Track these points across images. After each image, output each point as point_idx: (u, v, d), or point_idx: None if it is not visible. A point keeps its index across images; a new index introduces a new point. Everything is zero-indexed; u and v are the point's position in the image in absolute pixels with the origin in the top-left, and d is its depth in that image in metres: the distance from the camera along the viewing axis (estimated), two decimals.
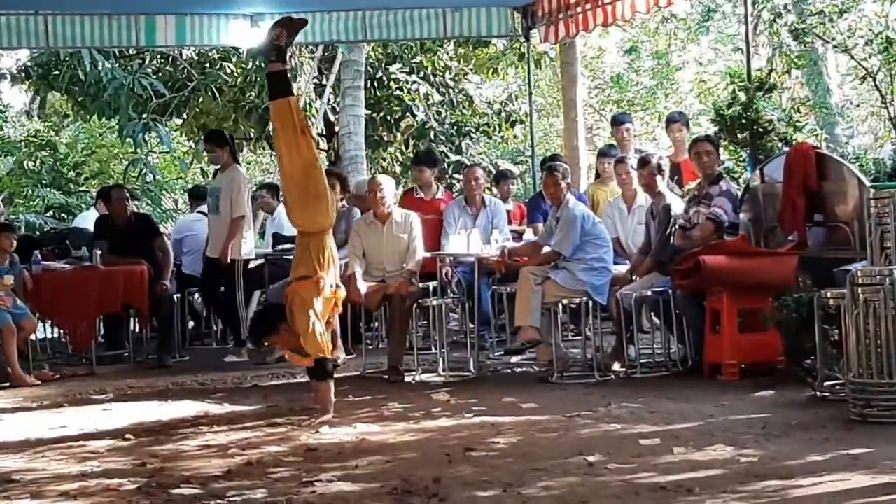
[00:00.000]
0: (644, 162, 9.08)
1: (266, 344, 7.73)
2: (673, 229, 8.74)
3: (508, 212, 10.76)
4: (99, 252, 10.35)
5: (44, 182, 20.08)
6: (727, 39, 25.64)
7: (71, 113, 20.06)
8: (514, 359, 9.44)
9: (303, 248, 7.24)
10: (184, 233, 11.77)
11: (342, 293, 7.42)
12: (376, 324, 10.91)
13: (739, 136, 9.77)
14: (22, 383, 9.23)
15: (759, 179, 9.13)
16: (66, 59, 16.16)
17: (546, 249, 8.91)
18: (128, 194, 11.13)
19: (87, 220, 12.09)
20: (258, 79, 16.31)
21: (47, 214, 19.28)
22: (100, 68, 15.56)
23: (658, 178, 8.95)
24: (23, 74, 17.53)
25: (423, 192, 10.91)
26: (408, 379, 8.87)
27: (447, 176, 18.01)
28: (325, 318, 7.16)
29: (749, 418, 6.62)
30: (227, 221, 10.12)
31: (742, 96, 9.81)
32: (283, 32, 7.33)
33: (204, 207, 11.77)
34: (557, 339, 8.79)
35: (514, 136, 20.42)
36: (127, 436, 6.89)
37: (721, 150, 9.35)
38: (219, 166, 10.59)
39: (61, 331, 11.05)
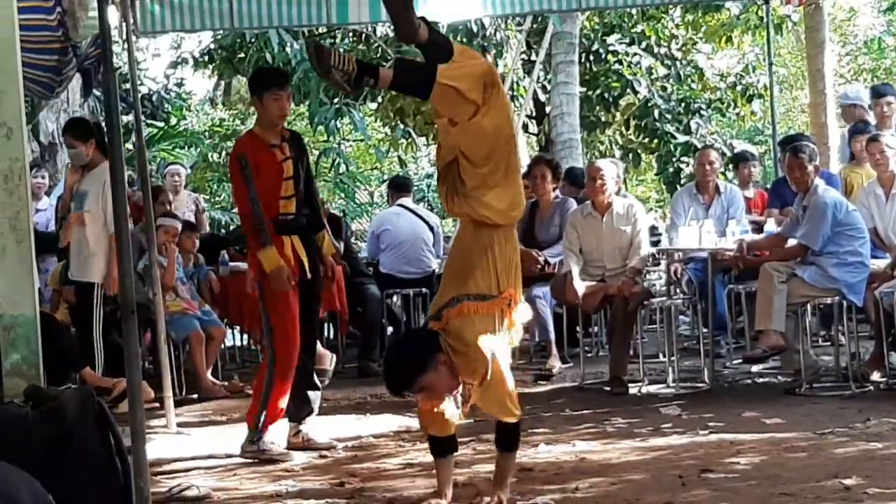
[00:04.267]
0: None
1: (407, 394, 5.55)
2: None
3: (747, 199, 10.60)
4: None
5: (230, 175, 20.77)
6: None
7: None
8: (755, 367, 9.31)
9: (480, 251, 5.43)
10: (382, 227, 11.96)
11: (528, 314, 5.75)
12: (596, 328, 10.90)
13: None
14: (211, 395, 9.54)
15: None
16: (252, 40, 16.68)
17: (791, 242, 8.74)
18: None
19: None
20: None
21: (234, 211, 19.89)
22: (288, 50, 15.98)
23: None
24: (206, 58, 18.16)
25: None
26: (633, 391, 8.84)
27: (674, 160, 17.86)
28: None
29: None
30: (92, 235, 8.90)
31: None
32: None
33: (405, 200, 11.97)
34: (806, 345, 8.63)
35: (752, 113, 20.13)
36: (323, 452, 7.08)
37: None
38: (83, 165, 9.07)
39: (252, 339, 11.38)
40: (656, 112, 17.93)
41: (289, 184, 7.09)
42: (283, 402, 7.09)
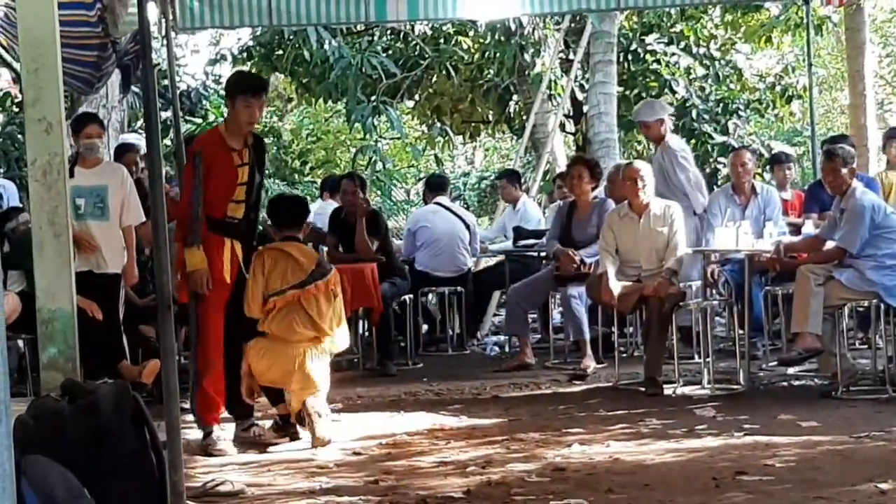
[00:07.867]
0: None
1: None
2: None
3: (785, 201, 10.55)
4: (325, 249, 10.63)
5: (266, 172, 20.82)
6: None
7: (295, 96, 20.71)
8: (791, 370, 9.27)
9: None
10: (419, 225, 11.96)
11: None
12: (631, 329, 10.87)
13: None
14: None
15: None
16: (291, 37, 16.70)
17: (829, 245, 8.70)
18: (359, 184, 11.25)
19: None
20: (496, 55, 16.46)
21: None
22: (326, 47, 15.96)
23: None
24: (244, 55, 18.17)
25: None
26: (667, 392, 8.82)
27: (712, 160, 17.79)
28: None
29: None
30: (117, 229, 8.89)
31: None
32: None
33: (442, 198, 11.97)
34: (842, 347, 8.58)
35: (791, 114, 19.99)
36: (357, 450, 7.09)
37: None
38: (90, 158, 8.86)
39: None
40: (694, 112, 17.82)
41: (241, 189, 7.28)
42: (213, 397, 7.38)
